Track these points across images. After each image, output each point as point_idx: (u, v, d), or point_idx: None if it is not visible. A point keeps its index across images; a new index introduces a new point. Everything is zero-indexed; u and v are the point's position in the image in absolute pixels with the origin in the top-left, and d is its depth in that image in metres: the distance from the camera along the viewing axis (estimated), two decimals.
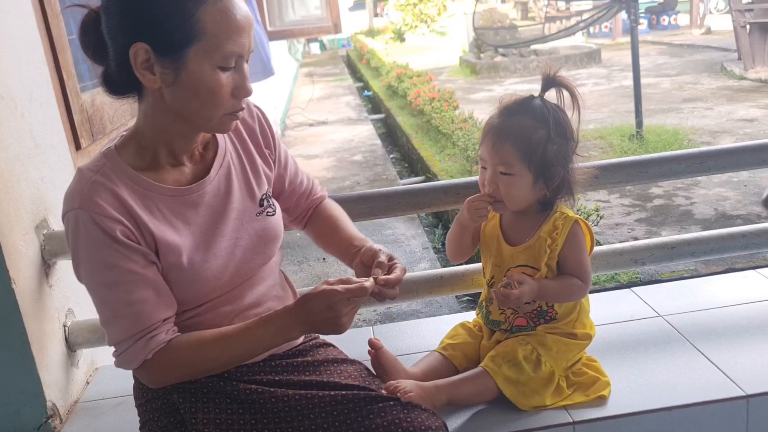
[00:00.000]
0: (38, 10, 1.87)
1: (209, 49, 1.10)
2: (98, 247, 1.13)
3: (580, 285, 1.44)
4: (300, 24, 8.34)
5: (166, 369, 1.21)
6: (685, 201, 5.12)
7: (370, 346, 1.45)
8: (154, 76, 1.11)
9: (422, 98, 8.68)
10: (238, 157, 1.33)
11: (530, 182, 1.40)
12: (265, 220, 1.32)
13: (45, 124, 1.81)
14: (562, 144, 1.40)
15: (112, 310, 1.17)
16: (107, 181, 1.15)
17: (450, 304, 3.92)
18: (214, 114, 1.15)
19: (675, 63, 12.49)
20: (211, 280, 1.23)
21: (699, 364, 1.58)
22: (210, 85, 1.12)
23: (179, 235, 1.20)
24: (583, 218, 1.47)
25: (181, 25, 1.08)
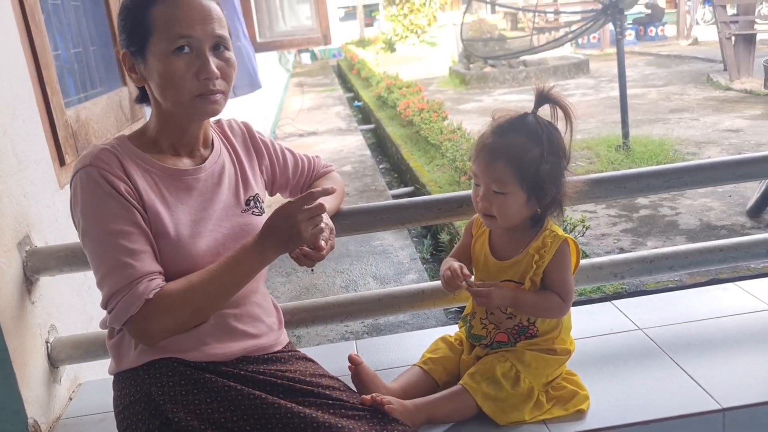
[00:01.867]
0: (22, 25, 1.88)
1: (161, 39, 1.26)
2: (106, 198, 1.26)
3: (559, 302, 1.45)
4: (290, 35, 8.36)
5: (162, 312, 1.25)
6: (670, 211, 5.16)
7: (350, 361, 1.47)
8: (136, 75, 1.32)
9: (411, 109, 8.72)
10: (230, 161, 1.47)
11: (523, 200, 1.42)
12: (249, 217, 1.43)
13: (28, 140, 1.82)
14: (555, 162, 1.41)
15: (115, 258, 1.24)
16: (115, 151, 1.31)
17: (437, 315, 3.93)
18: (181, 97, 1.29)
19: (662, 74, 12.61)
20: (195, 257, 1.31)
21: (676, 378, 1.60)
22: (167, 70, 1.27)
23: (170, 210, 1.32)
24: (571, 232, 1.50)
25: (139, 26, 1.28)
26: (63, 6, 2.46)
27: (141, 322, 1.25)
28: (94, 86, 2.61)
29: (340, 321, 1.82)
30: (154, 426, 1.27)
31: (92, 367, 1.97)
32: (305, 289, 4.48)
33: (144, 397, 1.29)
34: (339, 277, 4.62)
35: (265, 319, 1.45)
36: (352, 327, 3.89)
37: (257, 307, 1.44)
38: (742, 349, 1.69)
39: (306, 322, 1.81)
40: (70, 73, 2.44)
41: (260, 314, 1.44)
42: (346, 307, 1.82)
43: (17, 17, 1.86)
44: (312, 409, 1.28)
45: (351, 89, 15.40)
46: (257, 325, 1.42)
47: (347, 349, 1.90)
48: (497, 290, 1.42)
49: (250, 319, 1.40)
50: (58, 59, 2.31)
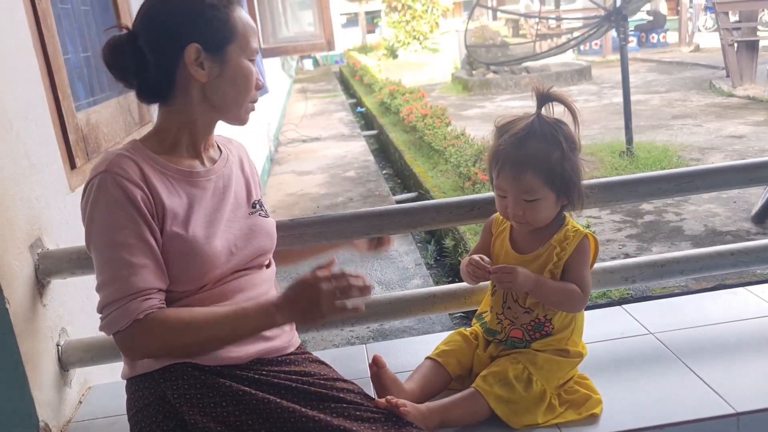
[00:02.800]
0: (35, 30, 1.89)
1: (242, 46, 1.34)
2: (116, 207, 1.25)
3: (579, 294, 1.46)
4: (294, 41, 8.39)
5: (151, 334, 1.25)
6: (675, 217, 5.16)
7: (374, 363, 1.46)
8: (204, 71, 1.32)
9: (415, 115, 8.73)
10: (236, 167, 1.50)
11: (553, 200, 1.46)
12: (257, 218, 1.47)
13: (40, 143, 1.82)
14: (575, 157, 1.46)
15: (113, 270, 1.25)
16: (131, 156, 1.31)
17: (443, 321, 3.93)
18: (244, 100, 1.38)
19: (664, 80, 12.63)
20: (211, 256, 1.32)
21: (690, 382, 1.59)
22: (246, 74, 1.36)
23: (186, 211, 1.33)
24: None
25: (221, 27, 1.32)
26: (73, 10, 2.46)
27: (127, 338, 1.26)
28: (103, 90, 2.62)
29: (351, 324, 1.82)
30: (169, 428, 1.27)
31: (102, 370, 1.97)
32: None
33: (158, 399, 1.29)
34: None
35: None
36: (358, 332, 3.88)
37: None
38: (756, 353, 1.68)
39: (315, 326, 1.80)
40: (79, 77, 2.45)
41: None
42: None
43: (30, 21, 1.86)
44: (326, 413, 1.28)
45: (353, 95, 15.43)
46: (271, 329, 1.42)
47: (358, 352, 1.89)
48: (521, 268, 1.43)
49: None
50: (68, 63, 2.32)
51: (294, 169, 8.07)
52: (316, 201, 6.48)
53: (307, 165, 8.20)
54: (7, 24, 1.73)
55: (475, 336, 1.60)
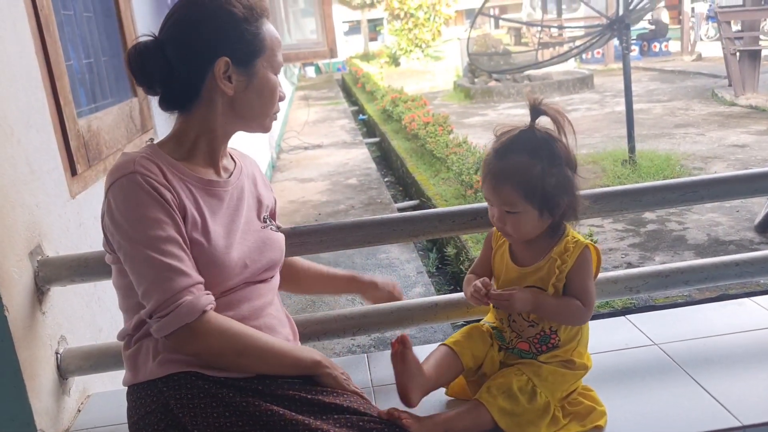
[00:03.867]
0: (37, 36, 1.88)
1: (270, 59, 1.36)
2: (152, 205, 1.25)
3: (581, 308, 1.44)
4: (296, 48, 8.41)
5: (217, 329, 1.26)
6: (678, 226, 5.14)
7: (400, 340, 1.41)
8: (231, 84, 1.34)
9: (417, 122, 8.74)
10: (249, 180, 1.51)
11: (535, 216, 1.42)
12: (269, 232, 1.47)
13: (41, 150, 1.81)
14: (560, 173, 1.40)
15: (164, 266, 1.23)
16: (153, 158, 1.31)
17: (444, 330, 3.90)
18: (269, 112, 1.40)
19: (666, 89, 12.64)
20: (229, 267, 1.33)
21: (695, 394, 1.57)
22: (272, 88, 1.38)
23: (206, 219, 1.33)
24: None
25: (252, 41, 1.33)
26: (75, 17, 2.46)
27: (192, 333, 1.24)
28: (105, 97, 2.61)
29: (353, 334, 1.81)
30: None
31: (101, 379, 1.95)
32: (311, 301, 4.46)
33: (161, 407, 1.28)
34: None
35: (281, 330, 1.44)
36: (359, 341, 3.86)
37: (274, 318, 1.44)
38: (762, 365, 1.66)
39: (318, 334, 1.79)
40: (81, 84, 2.45)
41: (277, 326, 1.43)
42: (358, 319, 1.80)
43: (32, 27, 1.86)
44: (330, 424, 1.26)
45: (355, 103, 15.45)
46: (275, 337, 1.41)
47: (359, 362, 1.88)
48: (519, 293, 1.40)
49: (268, 330, 1.40)
50: (69, 69, 2.31)
51: (296, 176, 8.07)
52: (317, 208, 6.47)
53: (308, 172, 8.20)
54: (9, 30, 1.72)
55: (491, 334, 1.58)
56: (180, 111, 1.39)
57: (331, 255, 5.12)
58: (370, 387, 1.74)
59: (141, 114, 2.78)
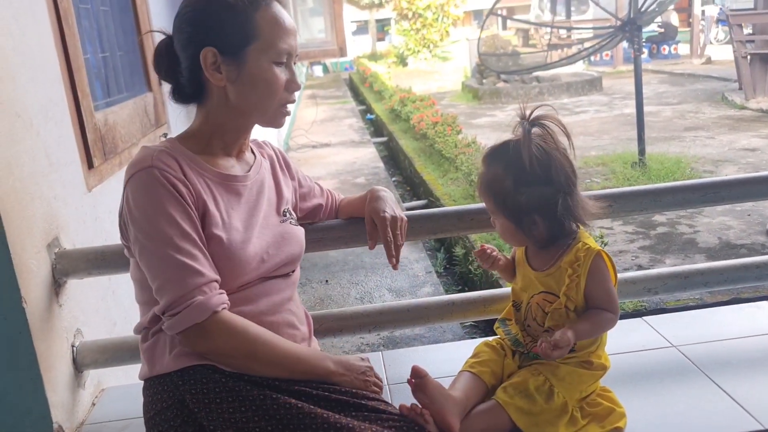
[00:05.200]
0: (56, 29, 1.88)
1: (265, 48, 1.29)
2: (169, 199, 1.24)
3: (610, 317, 1.42)
4: (305, 47, 8.40)
5: (228, 329, 1.25)
6: (688, 229, 5.11)
7: (414, 374, 1.39)
8: (221, 75, 1.30)
9: (425, 122, 8.72)
10: (269, 174, 1.49)
11: (512, 228, 1.43)
12: (288, 226, 1.45)
13: (59, 142, 1.81)
14: (532, 192, 1.37)
15: (178, 262, 1.22)
16: (172, 153, 1.30)
17: (453, 329, 3.90)
18: (269, 105, 1.33)
19: (676, 92, 12.58)
20: (245, 262, 1.31)
21: (715, 396, 1.56)
22: (267, 78, 1.30)
23: (223, 214, 1.32)
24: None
25: (240, 28, 1.28)
26: (92, 11, 2.46)
27: (203, 333, 1.23)
28: (120, 91, 2.61)
29: (368, 331, 1.80)
30: None
31: (115, 372, 1.95)
32: (320, 299, 4.46)
33: (177, 403, 1.27)
34: (354, 289, 4.60)
35: (299, 327, 1.44)
36: (368, 339, 3.86)
37: (292, 314, 1.43)
38: None
39: (333, 331, 1.78)
40: (97, 78, 2.45)
41: (295, 322, 1.43)
42: (375, 317, 1.79)
43: (52, 20, 1.86)
44: (349, 419, 1.25)
45: (363, 102, 15.45)
46: (293, 333, 1.40)
47: (374, 360, 1.86)
48: (560, 341, 1.33)
49: (286, 327, 1.39)
50: (86, 63, 2.31)
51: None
52: None
53: (316, 171, 8.20)
54: (29, 23, 1.72)
55: (501, 346, 1.57)
56: (196, 104, 1.39)
57: (339, 253, 5.12)
58: (386, 385, 1.73)
59: (155, 109, 2.78)
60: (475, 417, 1.42)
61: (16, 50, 1.62)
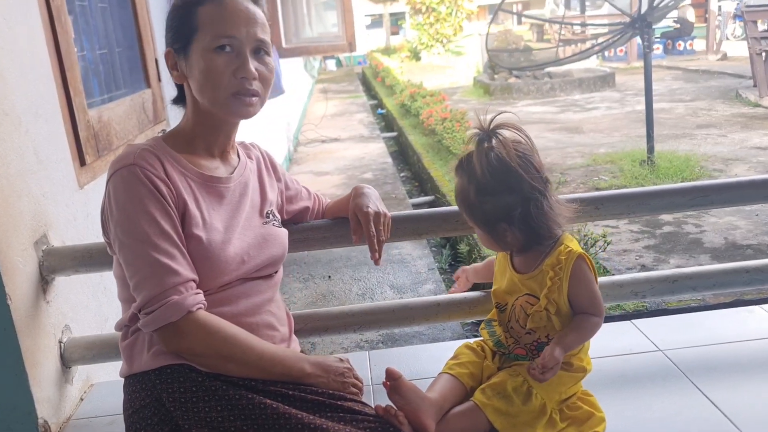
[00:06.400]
0: (48, 27, 1.89)
1: (204, 37, 1.30)
2: (148, 198, 1.25)
3: (595, 321, 1.42)
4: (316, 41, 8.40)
5: (202, 330, 1.25)
6: (695, 229, 5.07)
7: (388, 376, 1.40)
8: (177, 72, 1.35)
9: (434, 118, 8.70)
10: (253, 175, 1.50)
11: (486, 236, 1.45)
12: (270, 228, 1.46)
13: (49, 140, 1.83)
14: (495, 201, 1.38)
15: (155, 261, 1.23)
16: (155, 152, 1.31)
17: (453, 327, 3.89)
18: (218, 94, 1.31)
19: (689, 88, 12.45)
20: (224, 262, 1.32)
21: (697, 403, 1.55)
22: (205, 67, 1.29)
23: (204, 215, 1.33)
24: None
25: (185, 24, 1.31)
26: (90, 7, 2.48)
27: (176, 330, 1.24)
28: (119, 87, 2.63)
29: (353, 331, 1.80)
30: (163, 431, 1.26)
31: (105, 368, 1.97)
32: (322, 295, 4.47)
33: (154, 402, 1.28)
34: (356, 285, 4.61)
35: (279, 328, 1.44)
36: (368, 336, 3.86)
37: (272, 316, 1.44)
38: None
39: (319, 331, 1.79)
40: (95, 74, 2.46)
41: (274, 323, 1.43)
42: (359, 317, 1.79)
43: (43, 18, 1.87)
44: (324, 419, 1.26)
45: (375, 96, 15.43)
46: (272, 334, 1.41)
47: (359, 359, 1.87)
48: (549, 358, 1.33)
49: (265, 328, 1.39)
50: (83, 60, 2.33)
51: (312, 169, 8.09)
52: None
53: (325, 166, 8.21)
54: (20, 20, 1.73)
55: (481, 348, 1.58)
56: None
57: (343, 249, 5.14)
58: (369, 385, 1.74)
59: (154, 105, 2.80)
60: (452, 418, 1.42)
61: (4, 49, 1.64)
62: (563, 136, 9.02)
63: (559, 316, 1.43)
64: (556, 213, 1.40)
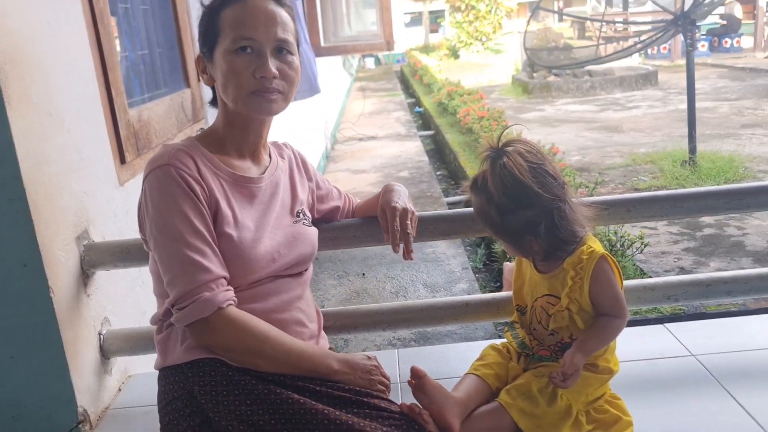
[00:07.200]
0: (91, 30, 1.95)
1: (226, 39, 1.34)
2: (183, 197, 1.29)
3: (617, 323, 1.41)
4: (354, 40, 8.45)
5: (232, 326, 1.29)
6: (737, 231, 4.95)
7: (413, 375, 1.42)
8: (206, 75, 1.40)
9: (471, 116, 8.66)
10: (285, 175, 1.53)
11: (510, 247, 1.46)
12: (300, 227, 1.49)
13: (91, 138, 1.89)
14: (516, 217, 1.38)
15: (188, 258, 1.27)
16: (189, 152, 1.35)
17: (486, 327, 3.88)
18: (239, 93, 1.34)
19: (735, 87, 12.13)
20: (255, 260, 1.35)
21: (729, 409, 1.53)
22: (228, 67, 1.33)
23: (236, 214, 1.37)
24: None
25: (211, 28, 1.36)
26: (132, 9, 2.55)
27: (207, 326, 1.28)
28: (158, 87, 2.69)
29: (383, 329, 1.82)
30: (194, 423, 1.30)
31: (141, 360, 2.03)
32: (355, 293, 4.50)
33: (186, 394, 1.32)
34: (389, 283, 4.63)
35: (308, 325, 1.47)
36: (400, 333, 3.88)
37: (301, 312, 1.46)
38: None
39: (348, 328, 1.81)
40: (136, 74, 2.53)
41: (304, 320, 1.46)
42: (389, 315, 1.81)
43: (87, 20, 1.93)
44: (349, 416, 1.28)
45: (413, 95, 15.42)
46: (300, 330, 1.43)
47: (389, 357, 1.89)
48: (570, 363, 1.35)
49: (295, 324, 1.42)
50: (125, 60, 2.40)
51: (349, 167, 8.13)
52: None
53: (361, 163, 8.24)
54: (63, 23, 1.80)
55: (507, 349, 1.58)
56: None
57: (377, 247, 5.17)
58: (397, 383, 1.75)
59: (193, 105, 2.86)
60: (477, 418, 1.43)
61: (50, 50, 1.70)
62: (602, 135, 8.89)
63: (582, 315, 1.43)
64: (578, 216, 1.41)
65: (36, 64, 1.63)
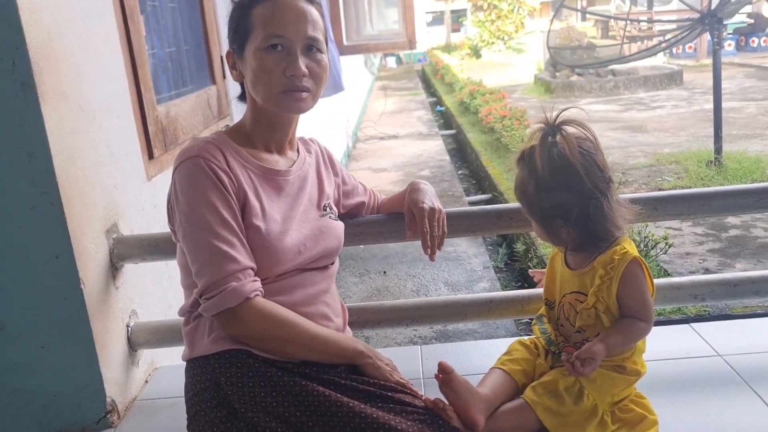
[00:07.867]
0: (122, 27, 1.99)
1: (257, 37, 1.35)
2: (211, 189, 1.32)
3: (642, 326, 1.40)
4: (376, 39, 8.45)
5: (260, 315, 1.31)
6: (763, 233, 4.88)
7: (441, 370, 1.42)
8: (237, 71, 1.42)
9: (493, 116, 8.64)
10: (312, 169, 1.55)
11: (540, 229, 1.45)
12: (327, 220, 1.50)
13: (121, 134, 1.92)
14: (552, 198, 1.38)
15: (216, 249, 1.29)
16: (218, 144, 1.38)
17: (507, 326, 3.88)
18: (269, 91, 1.36)
19: (763, 87, 11.94)
20: (282, 252, 1.37)
21: (756, 410, 1.51)
22: (258, 65, 1.34)
23: (263, 206, 1.38)
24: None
25: (242, 25, 1.37)
26: (161, 7, 2.58)
27: (235, 316, 1.30)
28: (185, 84, 2.73)
29: (406, 325, 1.83)
30: (221, 414, 1.31)
31: (168, 352, 2.06)
32: (377, 290, 4.52)
33: (213, 385, 1.34)
34: (411, 281, 4.63)
35: (333, 319, 1.48)
36: (421, 331, 3.89)
37: (327, 306, 1.47)
38: None
39: (371, 323, 1.82)
40: (164, 71, 2.57)
41: (329, 314, 1.47)
42: (412, 311, 1.82)
43: (118, 19, 1.97)
44: (374, 409, 1.29)
45: (434, 94, 15.41)
46: (326, 324, 1.44)
47: (412, 353, 1.90)
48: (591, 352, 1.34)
49: (320, 318, 1.43)
50: (153, 58, 2.43)
51: (370, 165, 8.15)
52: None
53: (383, 162, 8.26)
54: (95, 20, 1.83)
55: (535, 345, 1.58)
56: None
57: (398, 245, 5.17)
58: (420, 378, 1.76)
59: (218, 101, 2.89)
60: (502, 415, 1.43)
61: (82, 48, 1.74)
62: (626, 135, 8.80)
63: (608, 315, 1.42)
64: (615, 214, 1.39)
65: (68, 59, 1.66)
